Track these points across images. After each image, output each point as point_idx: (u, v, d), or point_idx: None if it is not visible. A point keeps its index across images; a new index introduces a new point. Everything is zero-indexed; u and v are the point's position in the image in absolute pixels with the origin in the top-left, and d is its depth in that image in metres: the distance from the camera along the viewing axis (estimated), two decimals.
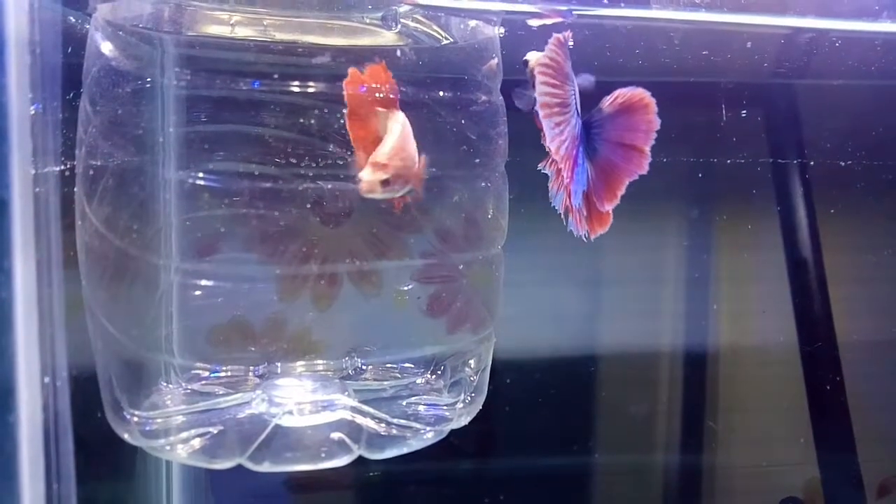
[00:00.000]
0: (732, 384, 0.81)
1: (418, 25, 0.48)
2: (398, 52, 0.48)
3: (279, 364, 0.48)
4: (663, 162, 0.74)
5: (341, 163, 0.46)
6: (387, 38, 0.48)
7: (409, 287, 0.49)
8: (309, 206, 0.46)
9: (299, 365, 0.48)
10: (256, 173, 0.45)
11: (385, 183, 0.42)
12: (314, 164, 0.45)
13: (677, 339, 0.80)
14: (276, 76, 0.45)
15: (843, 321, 0.78)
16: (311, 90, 0.45)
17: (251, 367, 0.48)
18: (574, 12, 0.44)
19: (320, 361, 0.49)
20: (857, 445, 0.77)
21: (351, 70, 0.43)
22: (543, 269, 0.76)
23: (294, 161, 0.45)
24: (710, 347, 0.80)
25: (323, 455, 0.43)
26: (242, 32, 0.46)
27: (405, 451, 0.45)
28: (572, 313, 0.78)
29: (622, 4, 0.41)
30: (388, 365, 0.51)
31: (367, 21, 0.47)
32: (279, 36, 0.46)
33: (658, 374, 0.81)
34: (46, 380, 0.37)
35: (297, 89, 0.45)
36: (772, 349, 0.80)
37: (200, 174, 0.44)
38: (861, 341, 0.79)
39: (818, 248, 0.77)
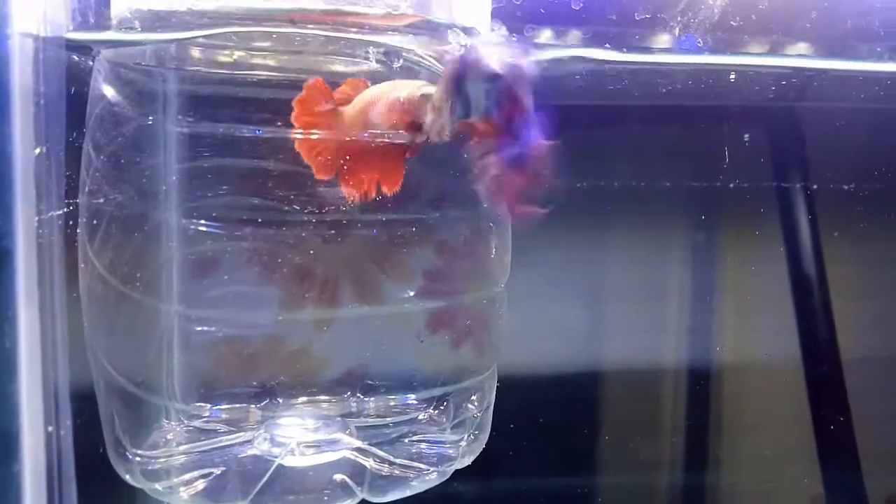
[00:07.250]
0: (736, 401, 0.81)
1: (421, 59, 0.48)
2: None
3: (280, 399, 0.48)
4: (666, 186, 0.74)
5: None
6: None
7: (409, 302, 0.48)
8: (319, 239, 0.46)
9: (301, 401, 0.48)
10: (258, 207, 0.45)
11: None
12: (316, 198, 0.45)
13: (681, 356, 0.80)
14: (278, 113, 0.44)
15: (847, 338, 0.78)
16: None
17: (252, 404, 0.48)
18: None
19: (323, 397, 0.49)
20: (861, 462, 0.77)
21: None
22: (546, 284, 0.76)
23: (296, 194, 0.45)
24: (714, 364, 0.80)
25: (325, 498, 0.43)
26: (243, 70, 0.46)
27: (408, 493, 0.45)
28: (575, 329, 0.78)
29: (624, 50, 0.40)
30: (391, 402, 0.50)
31: (371, 56, 0.47)
32: (282, 70, 0.46)
33: (662, 390, 0.80)
34: (50, 429, 0.37)
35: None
36: (776, 366, 0.80)
37: (202, 221, 0.44)
38: (865, 358, 0.79)
39: (822, 265, 0.77)
